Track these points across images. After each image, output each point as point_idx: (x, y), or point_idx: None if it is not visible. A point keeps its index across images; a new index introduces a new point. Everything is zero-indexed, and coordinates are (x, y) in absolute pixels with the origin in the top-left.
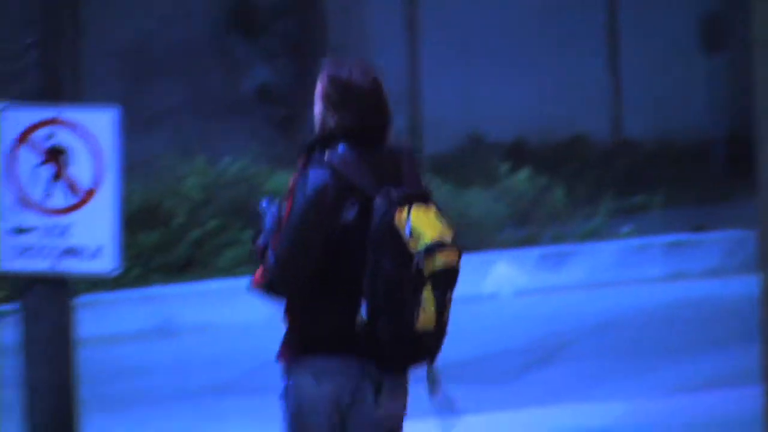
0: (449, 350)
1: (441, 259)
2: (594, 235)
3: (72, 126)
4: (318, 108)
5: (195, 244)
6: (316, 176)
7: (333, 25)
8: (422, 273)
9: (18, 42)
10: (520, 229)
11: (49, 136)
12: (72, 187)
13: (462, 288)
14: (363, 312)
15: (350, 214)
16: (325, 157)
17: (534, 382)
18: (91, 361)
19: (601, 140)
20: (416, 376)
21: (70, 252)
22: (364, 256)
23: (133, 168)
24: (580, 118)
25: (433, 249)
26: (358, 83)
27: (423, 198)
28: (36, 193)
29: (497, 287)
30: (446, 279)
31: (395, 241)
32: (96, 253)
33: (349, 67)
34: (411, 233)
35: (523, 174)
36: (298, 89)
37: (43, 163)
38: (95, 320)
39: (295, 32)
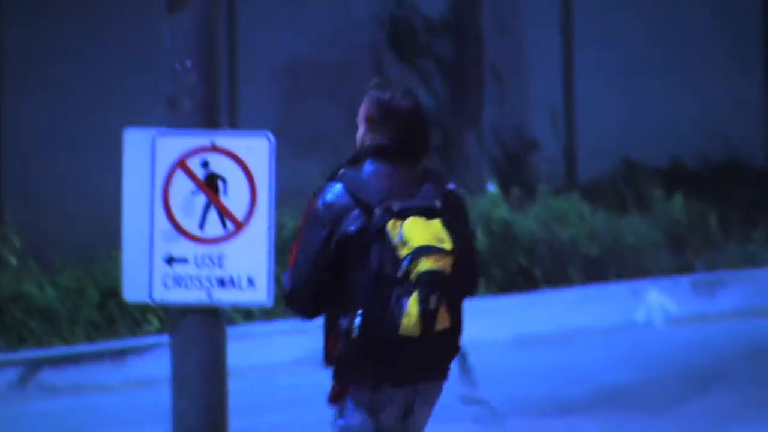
0: (604, 377)
1: (426, 263)
2: (749, 261)
3: (226, 153)
4: (360, 130)
5: None
6: (328, 191)
7: (489, 48)
8: (408, 278)
9: (173, 67)
10: (674, 255)
11: (204, 164)
12: (226, 216)
13: (615, 315)
14: (356, 320)
15: (352, 226)
16: (340, 171)
17: (692, 411)
18: (244, 392)
19: (758, 164)
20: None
21: (224, 283)
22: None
23: (287, 196)
24: (736, 141)
25: (420, 252)
26: (397, 104)
27: (427, 212)
28: (190, 222)
29: (651, 315)
30: (430, 282)
31: (384, 246)
32: (250, 284)
33: (392, 91)
34: (401, 240)
35: (678, 199)
36: (454, 112)
37: (198, 190)
38: (248, 351)
39: (451, 54)
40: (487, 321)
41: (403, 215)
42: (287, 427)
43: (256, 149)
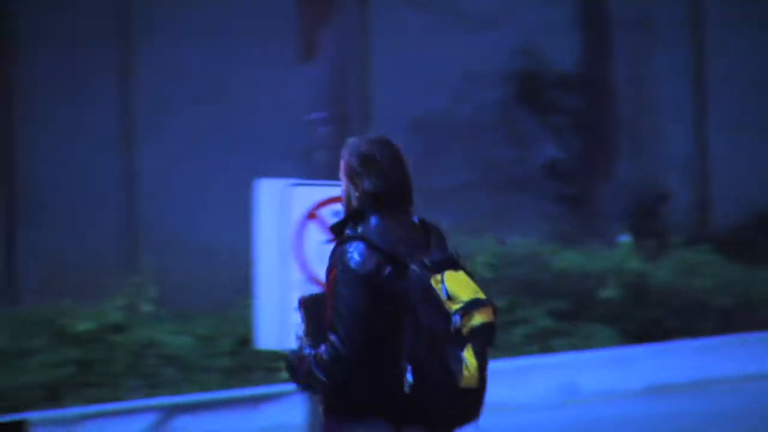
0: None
1: (479, 316)
2: None
3: None
4: (343, 186)
5: None
6: (354, 250)
7: (621, 101)
8: (461, 332)
9: (306, 119)
10: None
11: (337, 213)
12: None
13: (748, 366)
14: (409, 376)
15: (392, 284)
16: (359, 230)
17: None
18: None
19: None
20: None
21: None
22: (398, 320)
23: None
24: None
25: (471, 306)
26: (375, 151)
27: (453, 264)
28: (322, 271)
29: None
30: (485, 334)
31: (434, 302)
32: None
33: (367, 140)
34: (448, 295)
35: None
36: (585, 165)
37: (331, 240)
38: None
39: (582, 108)
40: (620, 371)
41: (437, 269)
42: None
43: None
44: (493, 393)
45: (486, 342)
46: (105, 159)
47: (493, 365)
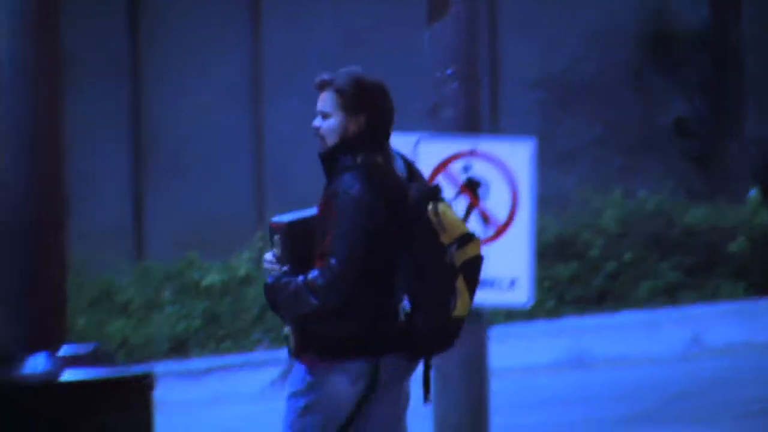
0: None
1: (470, 250)
2: None
3: (488, 158)
4: (336, 119)
5: (610, 276)
6: (357, 178)
7: (748, 59)
8: (455, 264)
9: (434, 75)
10: None
11: (466, 168)
12: (487, 220)
13: None
14: (406, 303)
15: (388, 214)
16: (358, 160)
17: None
18: (504, 392)
19: None
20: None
21: (486, 284)
22: (392, 251)
23: (547, 201)
24: None
25: (464, 240)
26: (372, 86)
27: (440, 195)
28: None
29: None
30: (475, 267)
31: (430, 233)
32: (511, 285)
33: (362, 74)
34: (442, 227)
35: None
36: (715, 123)
37: (459, 194)
38: (510, 352)
39: (710, 66)
40: (747, 323)
41: (431, 200)
42: (546, 426)
43: (518, 154)
44: (621, 346)
45: (476, 274)
46: (234, 113)
47: (621, 318)
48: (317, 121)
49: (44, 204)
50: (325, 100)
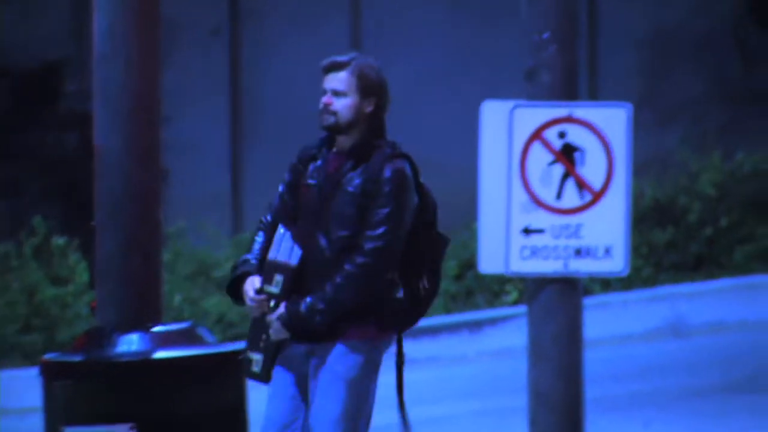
0: None
1: None
2: None
3: (584, 124)
4: (352, 99)
5: (707, 241)
6: (404, 164)
7: None
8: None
9: (531, 38)
10: None
11: (561, 135)
12: (583, 186)
13: None
14: (425, 282)
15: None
16: (400, 149)
17: None
18: (601, 362)
19: None
20: None
21: (581, 252)
22: (418, 231)
23: (646, 165)
24: None
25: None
26: (382, 73)
27: None
28: (547, 192)
29: None
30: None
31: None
32: (606, 254)
33: (372, 60)
34: None
35: None
36: None
37: (555, 161)
38: (605, 321)
39: None
40: None
41: None
42: (642, 395)
43: (614, 120)
44: (717, 312)
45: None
46: None
47: (719, 283)
48: (327, 98)
49: (140, 173)
50: (342, 80)
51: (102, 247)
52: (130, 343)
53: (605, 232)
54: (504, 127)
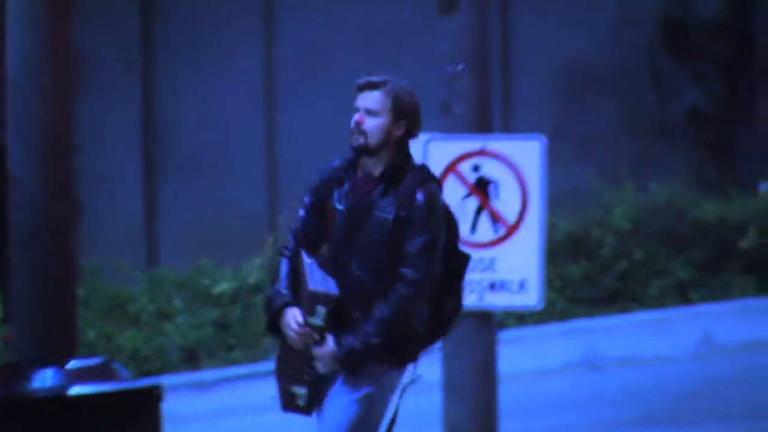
0: None
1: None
2: None
3: (498, 157)
4: (383, 120)
5: (622, 274)
6: (438, 189)
7: (763, 47)
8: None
9: (445, 70)
10: None
11: (475, 168)
12: (497, 220)
13: None
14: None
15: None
16: (431, 172)
17: None
18: (516, 396)
19: None
20: None
21: (495, 286)
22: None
23: (560, 197)
24: None
25: None
26: (415, 97)
27: None
28: (462, 225)
29: None
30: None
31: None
32: (521, 287)
33: (406, 83)
34: None
35: None
36: (729, 112)
37: (469, 195)
38: (520, 355)
39: (725, 54)
40: (759, 321)
41: None
42: (558, 430)
43: (528, 152)
44: (632, 346)
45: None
46: (247, 116)
47: (633, 317)
48: (360, 116)
49: (55, 205)
50: (376, 100)
51: (16, 279)
52: (45, 378)
53: (520, 266)
54: (419, 159)
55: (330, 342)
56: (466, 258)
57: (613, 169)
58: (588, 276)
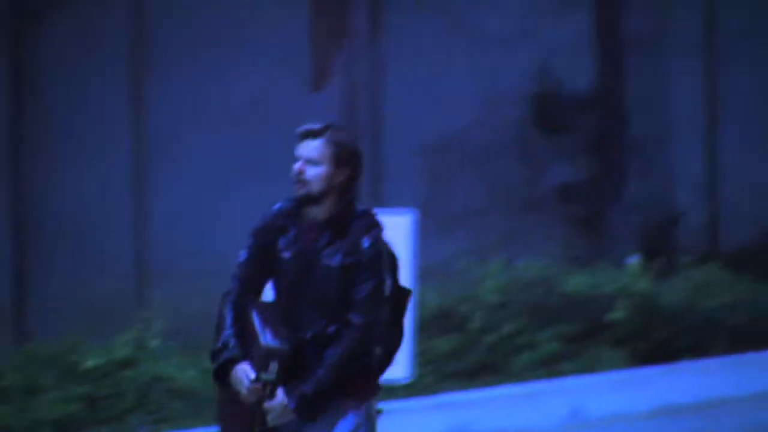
0: None
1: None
2: None
3: None
4: (325, 168)
5: (490, 348)
6: (380, 236)
7: (632, 122)
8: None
9: None
10: None
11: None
12: None
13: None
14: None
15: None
16: (375, 218)
17: None
18: None
19: None
20: None
21: None
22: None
23: (428, 271)
24: None
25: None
26: (357, 143)
27: None
28: None
29: None
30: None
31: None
32: None
33: (346, 130)
34: None
35: None
36: (598, 185)
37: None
38: (387, 428)
39: (595, 129)
40: (629, 393)
41: None
42: None
43: (399, 226)
44: (501, 420)
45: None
46: (114, 194)
47: (501, 390)
48: (300, 165)
49: None
50: (316, 149)
51: None
52: None
53: None
54: None
55: (280, 394)
56: (408, 293)
57: (482, 244)
58: (456, 350)
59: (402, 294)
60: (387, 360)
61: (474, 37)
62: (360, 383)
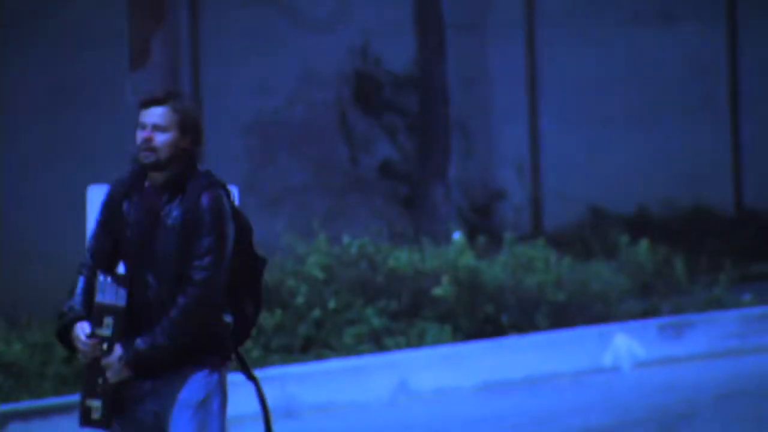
0: (572, 421)
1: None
2: (715, 304)
3: None
4: (171, 135)
5: (315, 323)
6: (223, 195)
7: (455, 101)
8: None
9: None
10: (641, 300)
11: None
12: None
13: (582, 360)
14: (252, 307)
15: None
16: (216, 177)
17: None
18: None
19: (722, 210)
20: None
21: None
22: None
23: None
24: (702, 188)
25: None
26: (197, 110)
27: None
28: None
29: (618, 359)
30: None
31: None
32: None
33: (187, 98)
34: None
35: (644, 245)
36: (420, 165)
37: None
38: None
39: (417, 108)
40: (454, 368)
41: None
42: None
43: None
44: (326, 393)
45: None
46: None
47: (326, 365)
48: (148, 133)
49: None
50: (163, 115)
51: None
52: None
53: None
54: None
55: (117, 349)
56: (263, 261)
57: (305, 223)
58: (282, 325)
59: (257, 262)
60: (244, 330)
61: (295, 17)
62: (210, 351)
